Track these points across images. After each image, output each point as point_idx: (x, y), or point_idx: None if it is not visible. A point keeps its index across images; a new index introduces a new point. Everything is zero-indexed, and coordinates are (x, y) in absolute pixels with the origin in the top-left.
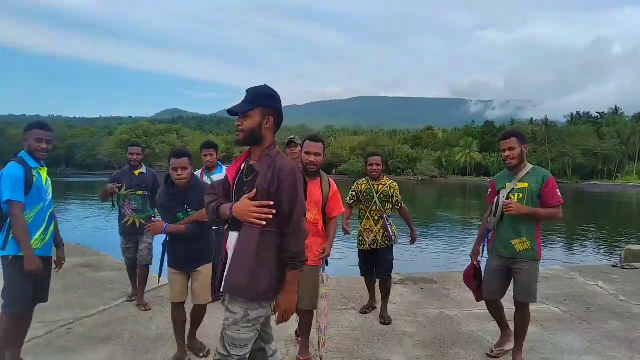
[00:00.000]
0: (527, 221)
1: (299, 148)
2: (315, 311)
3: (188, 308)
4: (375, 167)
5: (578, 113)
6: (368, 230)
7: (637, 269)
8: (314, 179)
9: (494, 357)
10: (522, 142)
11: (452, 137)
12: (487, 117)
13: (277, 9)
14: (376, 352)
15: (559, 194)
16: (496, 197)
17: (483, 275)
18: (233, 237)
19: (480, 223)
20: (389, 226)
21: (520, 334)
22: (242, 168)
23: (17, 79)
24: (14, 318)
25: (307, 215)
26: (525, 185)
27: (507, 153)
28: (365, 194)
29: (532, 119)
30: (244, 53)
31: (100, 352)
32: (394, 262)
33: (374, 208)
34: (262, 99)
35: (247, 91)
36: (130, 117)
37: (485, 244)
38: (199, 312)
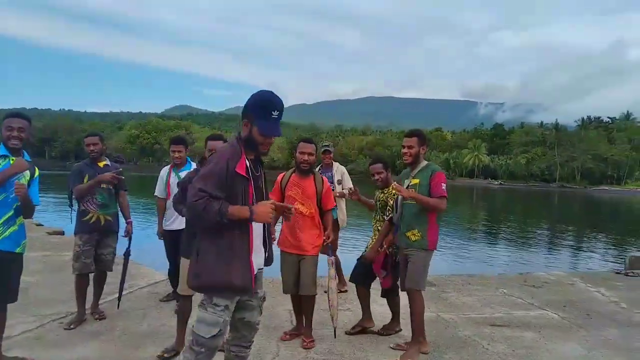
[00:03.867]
0: (418, 215)
1: (331, 154)
2: (326, 292)
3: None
4: (377, 177)
5: (589, 117)
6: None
7: None
8: (308, 176)
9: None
10: (422, 142)
11: (461, 139)
12: (496, 120)
13: (291, 7)
14: (368, 355)
15: (444, 188)
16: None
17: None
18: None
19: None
20: None
21: (415, 323)
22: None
23: (30, 73)
24: None
25: (302, 209)
26: (417, 181)
27: (404, 150)
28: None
29: (542, 122)
30: (255, 50)
31: (90, 347)
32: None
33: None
34: (243, 113)
35: (277, 109)
36: (140, 112)
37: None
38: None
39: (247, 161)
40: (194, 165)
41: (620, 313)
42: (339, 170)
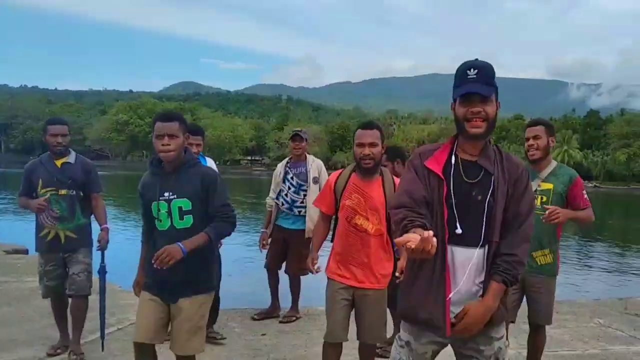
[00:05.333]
0: (551, 230)
1: (304, 143)
2: None
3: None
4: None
5: None
6: None
7: None
8: (372, 177)
9: None
10: (550, 132)
11: None
12: (591, 105)
13: None
14: None
15: (586, 196)
16: None
17: None
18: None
19: None
20: None
21: (540, 351)
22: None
23: None
24: None
25: (365, 225)
26: (550, 186)
27: (530, 142)
28: None
29: None
30: (285, 12)
31: None
32: None
33: None
34: (494, 78)
35: (475, 67)
36: (130, 91)
37: None
38: None
39: (452, 157)
40: (210, 162)
41: None
42: (315, 165)
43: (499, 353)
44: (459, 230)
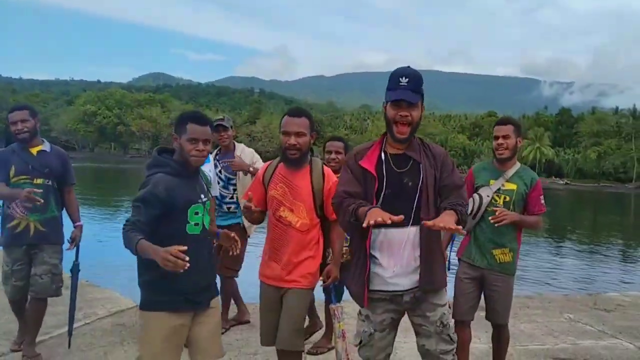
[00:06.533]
0: (513, 228)
1: (230, 131)
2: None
3: None
4: (334, 156)
5: None
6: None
7: None
8: (299, 168)
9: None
10: (518, 132)
11: None
12: (563, 104)
13: None
14: None
15: (543, 201)
16: (476, 195)
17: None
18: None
19: None
20: None
21: (504, 350)
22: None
23: None
24: None
25: (290, 218)
26: (514, 187)
27: (499, 141)
28: None
29: (617, 107)
30: (258, 4)
31: None
32: None
33: None
34: (422, 86)
35: (406, 75)
36: (98, 81)
37: (451, 250)
38: None
39: (382, 153)
40: (211, 159)
41: None
42: (245, 154)
43: (443, 317)
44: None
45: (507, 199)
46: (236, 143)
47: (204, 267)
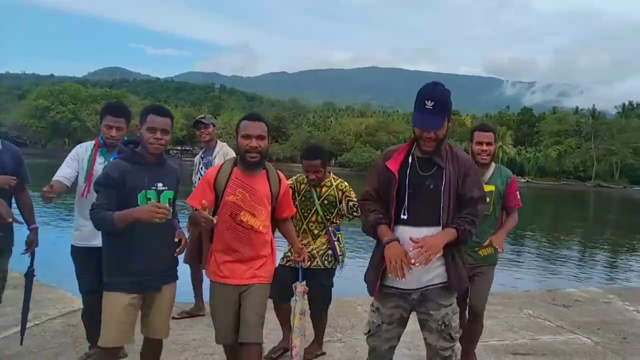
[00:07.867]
0: (494, 226)
1: (211, 129)
2: (292, 333)
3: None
4: (313, 177)
5: (631, 103)
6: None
7: None
8: (258, 172)
9: None
10: (496, 138)
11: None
12: (524, 103)
13: None
14: None
15: (519, 196)
16: None
17: None
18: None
19: None
20: (336, 243)
21: (475, 340)
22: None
23: None
24: None
25: (252, 222)
26: (492, 188)
27: (483, 147)
28: (303, 197)
29: (577, 107)
30: None
31: None
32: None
33: (313, 218)
34: (448, 105)
35: (432, 99)
36: (52, 75)
37: None
38: (157, 350)
39: (409, 156)
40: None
41: None
42: (222, 152)
43: (446, 317)
44: (404, 216)
45: (487, 199)
46: (218, 141)
47: (157, 254)
